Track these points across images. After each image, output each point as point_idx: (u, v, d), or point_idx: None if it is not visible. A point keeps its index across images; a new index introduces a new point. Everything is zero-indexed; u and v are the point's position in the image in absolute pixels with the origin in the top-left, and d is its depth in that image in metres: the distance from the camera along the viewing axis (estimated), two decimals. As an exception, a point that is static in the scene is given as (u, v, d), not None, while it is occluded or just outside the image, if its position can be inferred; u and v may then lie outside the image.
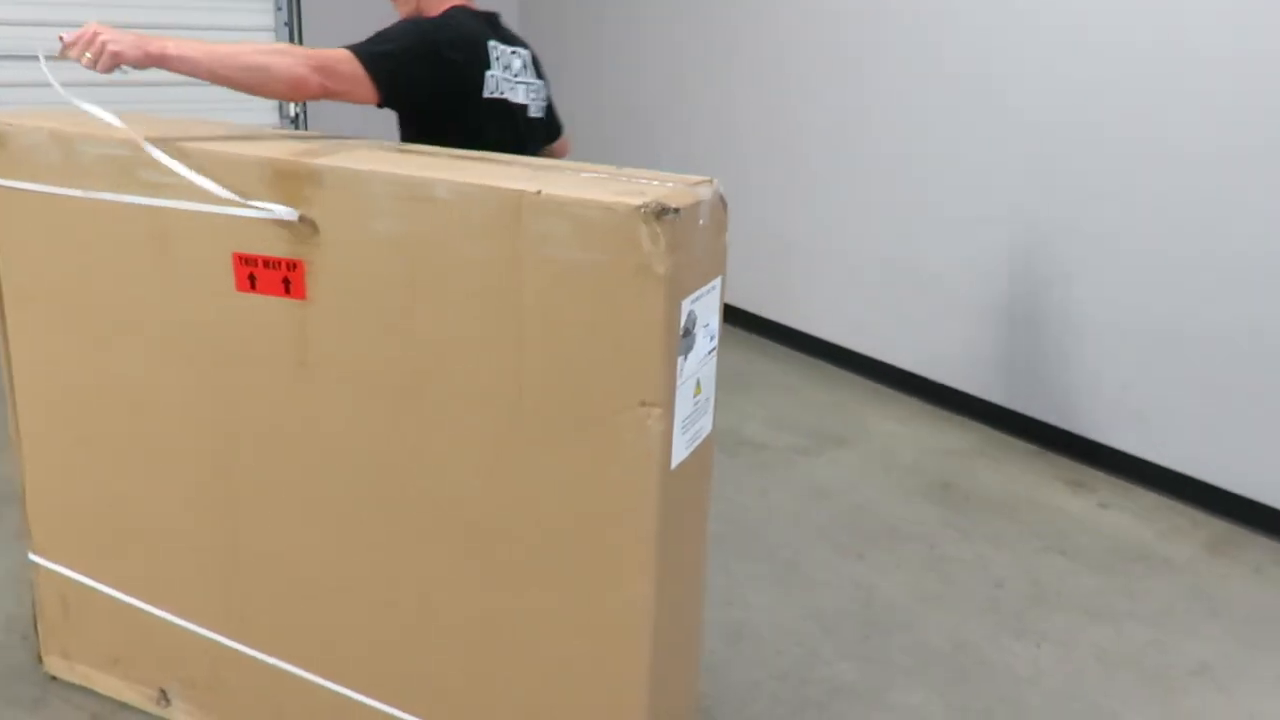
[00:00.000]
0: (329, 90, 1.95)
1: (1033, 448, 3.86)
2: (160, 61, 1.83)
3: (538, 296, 1.55)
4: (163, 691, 2.19)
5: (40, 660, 2.33)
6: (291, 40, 5.73)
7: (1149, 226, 3.42)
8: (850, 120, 4.47)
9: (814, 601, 2.78)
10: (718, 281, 1.67)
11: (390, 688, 1.91)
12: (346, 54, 1.99)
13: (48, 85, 1.83)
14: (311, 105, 5.89)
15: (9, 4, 5.09)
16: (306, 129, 5.86)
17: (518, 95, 2.34)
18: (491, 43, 2.26)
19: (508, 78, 2.30)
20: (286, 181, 1.68)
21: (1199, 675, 2.53)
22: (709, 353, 1.68)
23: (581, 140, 6.01)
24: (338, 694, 1.97)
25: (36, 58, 1.91)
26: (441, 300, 1.62)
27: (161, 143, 1.75)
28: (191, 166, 1.73)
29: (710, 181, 1.64)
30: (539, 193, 1.50)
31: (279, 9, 5.80)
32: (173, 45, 1.84)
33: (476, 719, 1.84)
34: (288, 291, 1.74)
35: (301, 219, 1.67)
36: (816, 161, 4.67)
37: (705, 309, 1.62)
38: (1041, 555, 3.08)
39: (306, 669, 1.99)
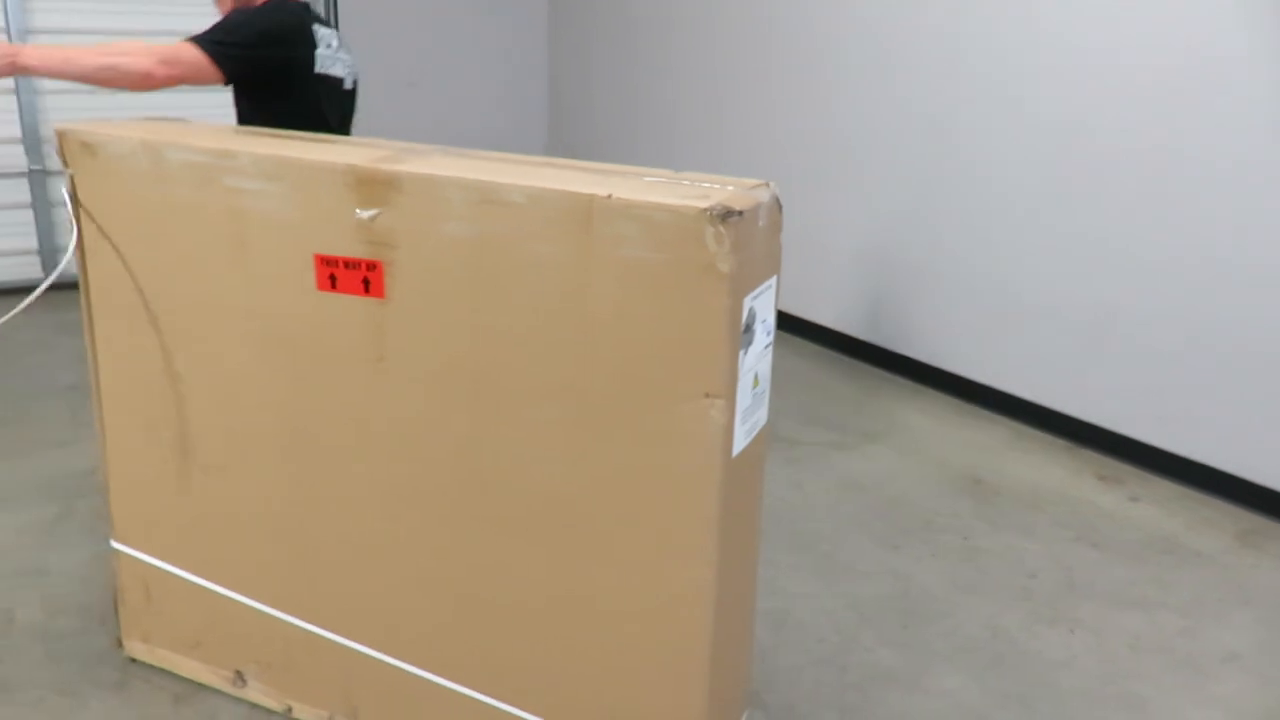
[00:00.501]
0: (175, 77, 2.33)
1: (1062, 442, 3.94)
2: (21, 71, 2.29)
3: (606, 294, 1.65)
4: (239, 673, 2.31)
5: (121, 644, 2.45)
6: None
7: (1177, 228, 3.49)
8: (870, 120, 4.55)
9: (853, 590, 2.87)
10: (774, 280, 1.77)
11: (457, 666, 2.01)
12: (189, 45, 2.38)
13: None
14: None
15: (76, 14, 5.26)
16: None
17: (338, 69, 2.69)
18: (314, 25, 2.61)
19: (329, 54, 2.64)
20: (367, 187, 1.78)
21: (1229, 662, 2.60)
22: (766, 347, 1.77)
23: (610, 139, 6.08)
24: (405, 672, 2.07)
25: None
26: (513, 297, 1.73)
27: (251, 151, 1.86)
28: (277, 173, 1.84)
29: (767, 185, 1.74)
30: (609, 196, 1.60)
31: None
32: (32, 53, 2.29)
33: (540, 696, 1.94)
34: (367, 290, 1.85)
35: (381, 221, 1.78)
36: (838, 161, 4.75)
37: (763, 306, 1.72)
38: (1073, 546, 3.16)
39: (376, 649, 2.10)
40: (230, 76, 2.46)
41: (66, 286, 2.17)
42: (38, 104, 5.31)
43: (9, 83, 5.13)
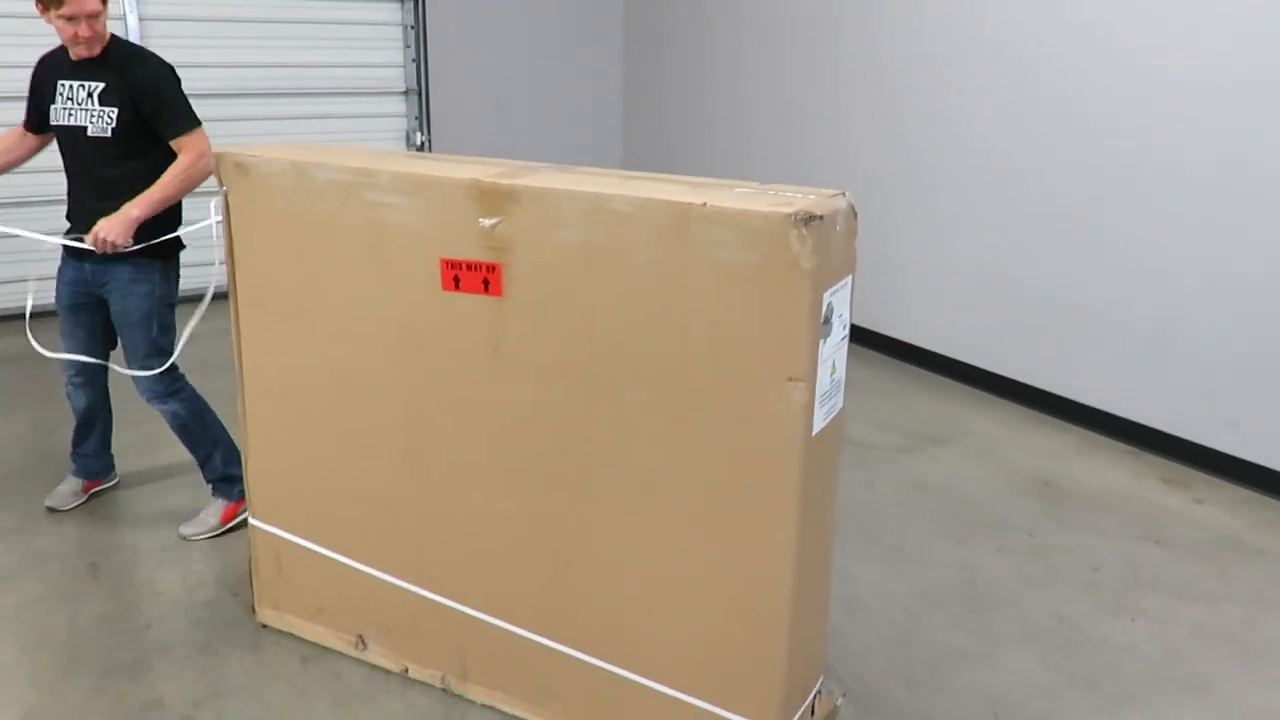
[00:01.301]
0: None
1: (1128, 448, 4.04)
2: (138, 223, 2.88)
3: (700, 290, 1.87)
4: (360, 637, 2.56)
5: (254, 612, 2.73)
6: (419, 53, 6.31)
7: (1240, 238, 3.59)
8: (939, 136, 4.72)
9: (921, 580, 3.04)
10: (849, 279, 1.97)
11: (559, 627, 2.24)
12: (199, 130, 2.98)
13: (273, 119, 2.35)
14: (436, 130, 6.38)
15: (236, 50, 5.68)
16: (430, 132, 6.40)
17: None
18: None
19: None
20: (489, 199, 2.04)
21: (1290, 650, 2.71)
22: (842, 339, 1.98)
23: (681, 156, 6.31)
24: (513, 634, 2.31)
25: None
26: (617, 294, 1.96)
27: (390, 169, 2.13)
28: (411, 188, 2.11)
29: (843, 194, 1.95)
30: (705, 205, 1.83)
31: (407, 46, 6.30)
32: (137, 209, 2.86)
33: (634, 653, 2.16)
34: (486, 289, 2.10)
35: (500, 229, 2.03)
36: (905, 175, 4.92)
37: (840, 301, 1.93)
38: (1138, 544, 3.28)
39: (487, 613, 2.34)
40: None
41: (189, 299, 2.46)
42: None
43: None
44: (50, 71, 3.01)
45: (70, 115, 2.96)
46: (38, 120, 3.09)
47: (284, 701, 2.42)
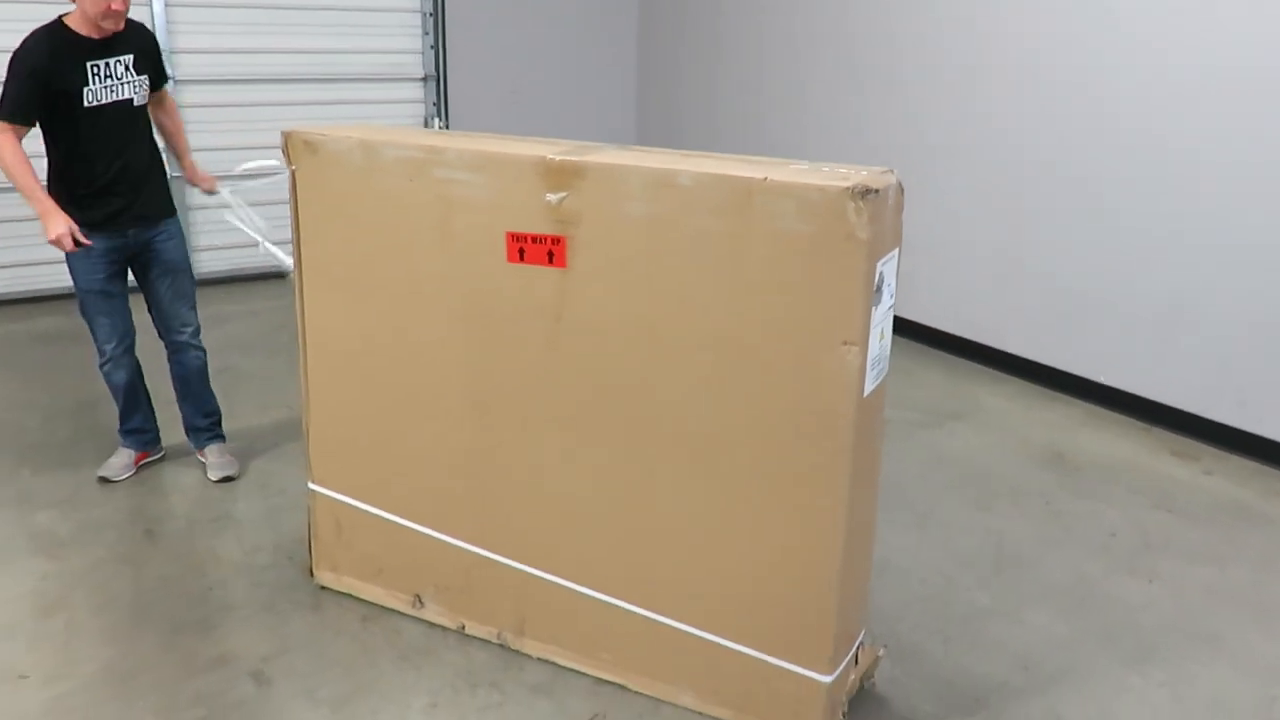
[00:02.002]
0: None
1: (1137, 422, 4.18)
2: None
3: (760, 260, 1.99)
4: (418, 596, 2.69)
5: (312, 574, 2.85)
6: (437, 39, 6.40)
7: (1245, 219, 3.73)
8: (952, 122, 4.84)
9: (949, 544, 3.17)
10: (896, 251, 2.09)
11: (617, 582, 2.36)
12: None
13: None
14: (454, 115, 6.48)
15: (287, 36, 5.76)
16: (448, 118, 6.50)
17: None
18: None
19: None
20: (555, 175, 2.15)
21: (1299, 607, 2.86)
22: (889, 308, 2.10)
23: (694, 135, 6.35)
24: (570, 590, 2.43)
25: None
26: (680, 264, 2.08)
27: (458, 147, 2.24)
28: (479, 165, 2.22)
29: (891, 172, 2.07)
30: (766, 179, 1.95)
31: (425, 34, 6.39)
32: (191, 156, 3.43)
33: (690, 606, 2.28)
34: (551, 261, 2.21)
35: (567, 203, 2.15)
36: (918, 160, 5.04)
37: (889, 272, 2.05)
38: (1150, 511, 3.42)
39: (545, 571, 2.46)
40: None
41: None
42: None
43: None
44: (68, 56, 2.97)
45: (113, 92, 3.07)
46: (41, 113, 3.00)
47: (349, 656, 2.54)
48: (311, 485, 2.77)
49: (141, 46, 3.15)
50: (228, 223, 3.46)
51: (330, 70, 6.13)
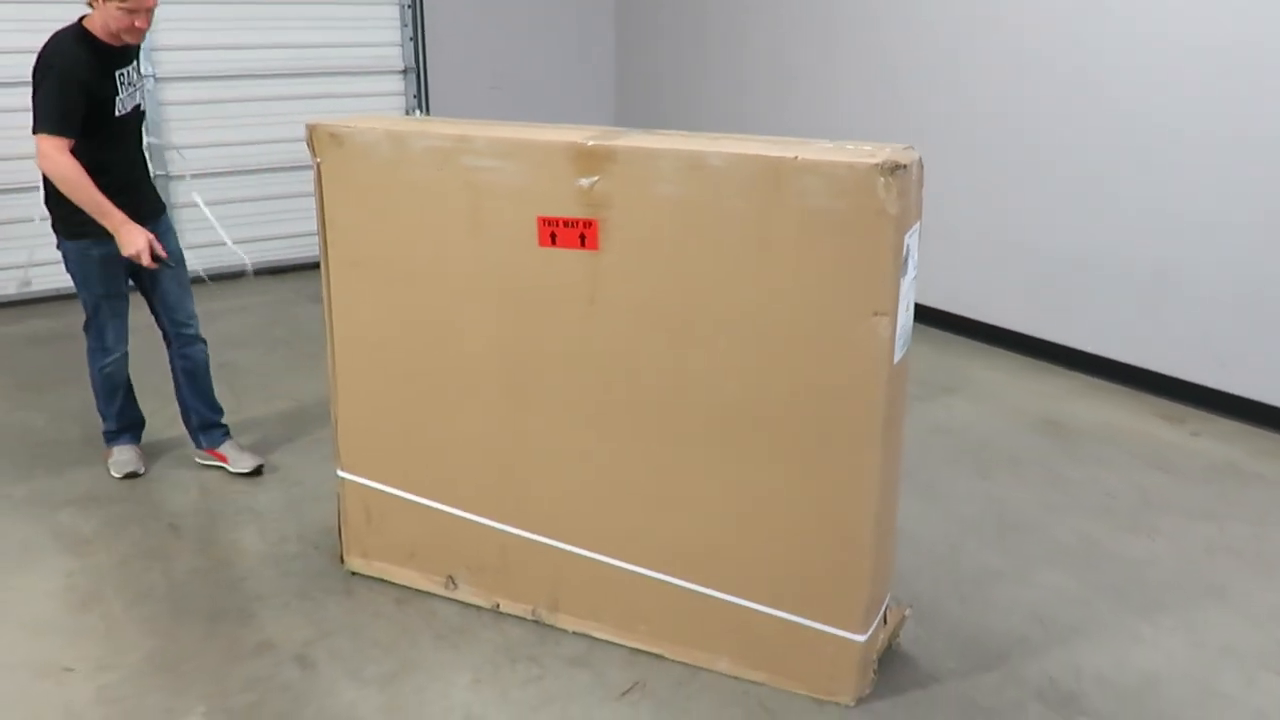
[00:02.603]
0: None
1: (1125, 389, 4.31)
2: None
3: (790, 237, 2.07)
4: (451, 578, 2.74)
5: (342, 561, 2.89)
6: (416, 31, 6.42)
7: (1227, 189, 3.86)
8: (944, 97, 4.94)
9: (953, 511, 3.28)
10: (918, 224, 2.18)
11: (652, 555, 2.44)
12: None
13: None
14: (435, 107, 6.50)
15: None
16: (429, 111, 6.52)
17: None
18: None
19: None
20: (586, 159, 2.21)
21: (1293, 558, 2.99)
22: (914, 278, 2.18)
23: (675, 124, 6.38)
24: (607, 564, 2.50)
25: None
26: (711, 243, 2.15)
27: (487, 135, 2.29)
28: (509, 152, 2.28)
29: (911, 148, 2.15)
30: (796, 158, 2.02)
31: (405, 26, 6.40)
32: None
33: (726, 575, 2.36)
34: (583, 244, 2.27)
35: (598, 187, 2.21)
36: (915, 138, 5.13)
37: (914, 244, 2.13)
38: (1145, 473, 3.55)
39: (579, 546, 2.52)
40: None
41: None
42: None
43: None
44: (100, 66, 2.97)
45: (133, 99, 3.11)
46: (89, 122, 2.95)
47: (388, 637, 2.60)
48: (340, 472, 2.81)
49: (139, 53, 3.16)
50: (205, 220, 3.51)
51: (310, 65, 6.13)
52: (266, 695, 2.38)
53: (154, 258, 3.02)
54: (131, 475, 3.45)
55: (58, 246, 3.19)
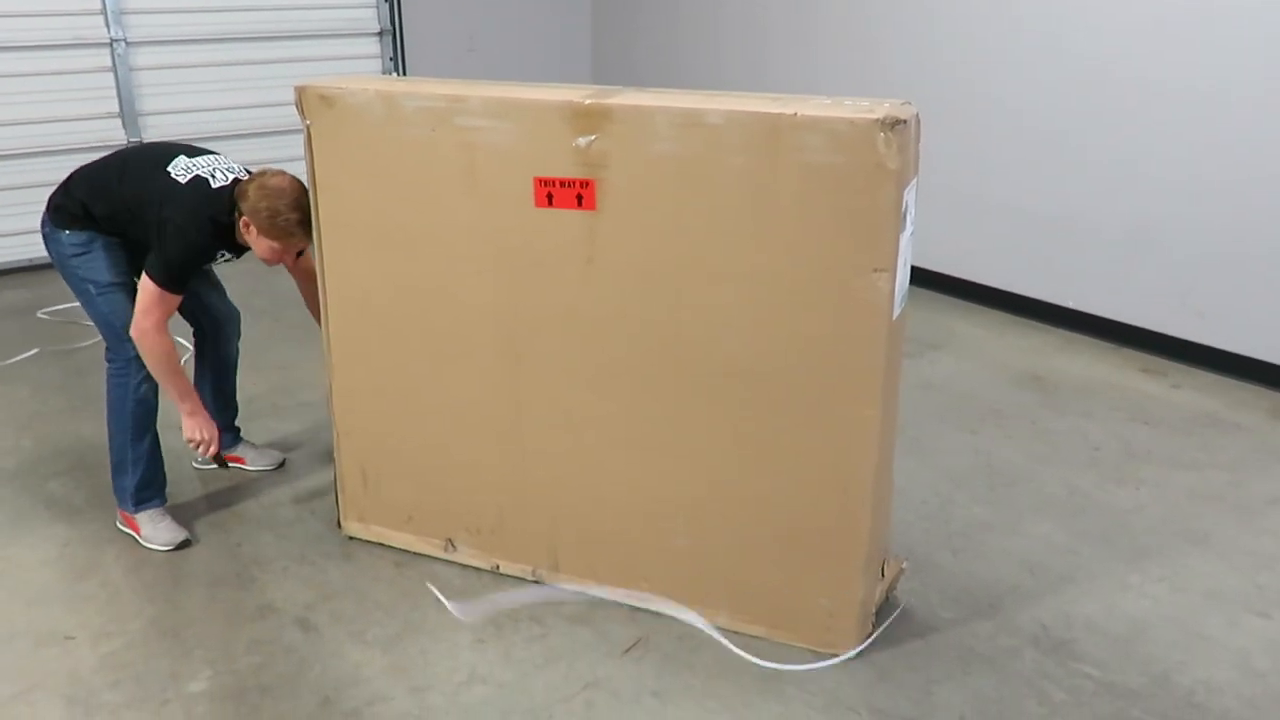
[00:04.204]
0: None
1: (1107, 344, 4.37)
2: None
3: (790, 193, 2.07)
4: (449, 540, 2.76)
5: (339, 525, 2.90)
6: (396, 48, 6.42)
7: (1205, 148, 3.90)
8: (929, 60, 4.94)
9: (942, 464, 3.32)
10: (915, 180, 2.19)
11: (653, 511, 2.46)
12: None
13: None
14: (412, 69, 6.42)
15: None
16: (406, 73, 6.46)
17: None
18: None
19: None
20: (582, 118, 2.20)
21: (1274, 504, 3.05)
22: (911, 234, 2.20)
23: (651, 80, 6.29)
24: (605, 523, 2.52)
25: None
26: (709, 201, 2.15)
27: (480, 94, 2.27)
28: (503, 111, 2.26)
29: (908, 104, 2.15)
30: (795, 114, 2.02)
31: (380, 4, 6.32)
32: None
33: (728, 529, 2.39)
34: (580, 205, 2.27)
35: (595, 146, 2.20)
36: (880, 91, 5.14)
37: (911, 200, 2.15)
38: (1128, 424, 3.61)
39: (578, 505, 2.54)
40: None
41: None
42: None
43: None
44: (215, 250, 2.77)
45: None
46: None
47: (389, 600, 2.61)
48: (336, 436, 2.81)
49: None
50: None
51: (285, 28, 6.02)
52: (271, 658, 2.39)
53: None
54: (185, 545, 2.87)
55: (56, 253, 2.84)
